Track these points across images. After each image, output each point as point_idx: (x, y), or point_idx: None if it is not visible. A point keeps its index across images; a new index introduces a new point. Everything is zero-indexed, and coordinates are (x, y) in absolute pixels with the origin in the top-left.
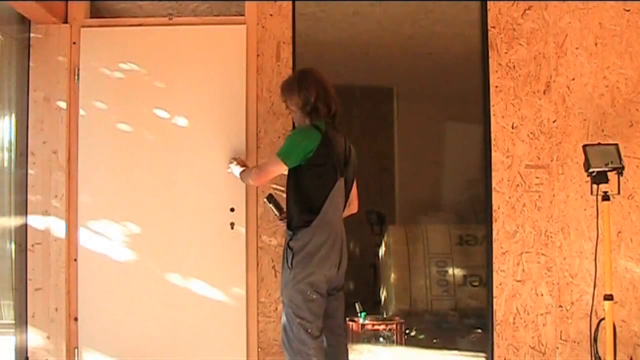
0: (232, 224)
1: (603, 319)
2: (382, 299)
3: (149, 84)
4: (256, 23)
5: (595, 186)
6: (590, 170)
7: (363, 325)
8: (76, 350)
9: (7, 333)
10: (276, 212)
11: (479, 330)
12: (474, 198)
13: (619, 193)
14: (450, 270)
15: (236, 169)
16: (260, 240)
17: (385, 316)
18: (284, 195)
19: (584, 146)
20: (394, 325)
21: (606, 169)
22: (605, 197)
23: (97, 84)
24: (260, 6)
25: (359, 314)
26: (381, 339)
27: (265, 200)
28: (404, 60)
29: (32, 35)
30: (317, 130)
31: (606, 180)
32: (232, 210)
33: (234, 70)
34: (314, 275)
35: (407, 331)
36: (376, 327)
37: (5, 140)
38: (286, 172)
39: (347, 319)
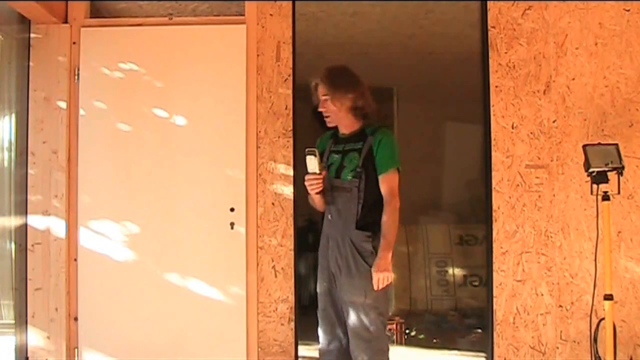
0: (232, 224)
1: (603, 319)
2: None
3: (149, 84)
4: (256, 23)
5: (595, 186)
6: (590, 170)
7: None
8: (76, 350)
9: (7, 333)
10: (317, 169)
11: (479, 330)
12: (474, 198)
13: (619, 193)
14: (450, 270)
15: (386, 256)
16: (260, 240)
17: None
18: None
19: (584, 146)
20: (394, 325)
21: (606, 169)
22: (605, 197)
23: (97, 84)
24: (260, 6)
25: None
26: None
27: (310, 154)
28: (404, 60)
29: (32, 35)
30: None
31: (606, 180)
32: (232, 210)
33: (234, 70)
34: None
35: (407, 331)
36: None
37: (5, 140)
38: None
39: None
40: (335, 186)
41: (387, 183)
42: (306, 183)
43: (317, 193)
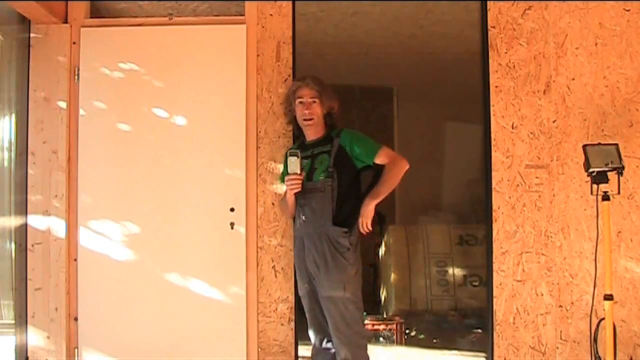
0: (232, 224)
1: (603, 319)
2: (382, 299)
3: (149, 84)
4: (256, 23)
5: (595, 186)
6: (590, 170)
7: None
8: (76, 350)
9: (7, 333)
10: (298, 170)
11: (479, 330)
12: (474, 198)
13: (619, 193)
14: (450, 270)
15: (371, 203)
16: (260, 240)
17: (385, 316)
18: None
19: (584, 146)
20: (394, 325)
21: (606, 169)
22: (605, 197)
23: (97, 84)
24: (260, 6)
25: None
26: (381, 339)
27: (293, 155)
28: (404, 60)
29: (32, 35)
30: None
31: (606, 180)
32: (232, 210)
33: (234, 70)
34: (361, 269)
35: (407, 331)
36: (376, 327)
37: (5, 140)
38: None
39: None
40: (308, 188)
41: (386, 154)
42: (287, 183)
43: (296, 193)
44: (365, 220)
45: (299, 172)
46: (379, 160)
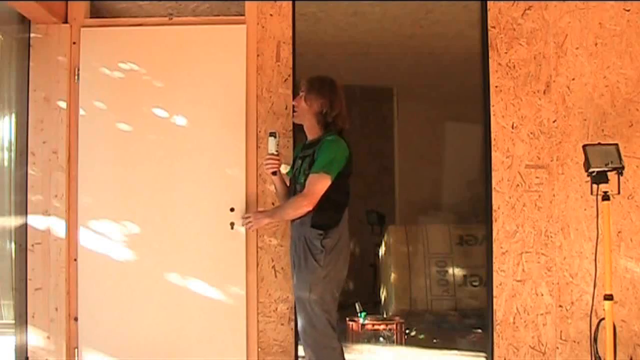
0: (232, 224)
1: (603, 319)
2: (382, 299)
3: (148, 84)
4: (256, 23)
5: (595, 186)
6: (590, 170)
7: (363, 325)
8: (76, 350)
9: (7, 333)
10: (275, 150)
11: (479, 330)
12: (474, 198)
13: (619, 193)
14: (450, 270)
15: (261, 218)
16: (260, 240)
17: (385, 316)
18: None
19: (584, 146)
20: (394, 325)
21: (606, 169)
22: (605, 197)
23: (97, 84)
24: (260, 6)
25: (359, 314)
26: (381, 339)
27: (271, 135)
28: (404, 60)
29: (32, 35)
30: (344, 141)
31: (606, 180)
32: (232, 210)
33: (234, 70)
34: (341, 273)
35: (407, 331)
36: (376, 327)
37: (5, 140)
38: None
39: (347, 319)
40: (297, 190)
41: (309, 183)
42: (264, 162)
43: (272, 173)
44: (252, 224)
45: (275, 152)
46: (307, 182)
